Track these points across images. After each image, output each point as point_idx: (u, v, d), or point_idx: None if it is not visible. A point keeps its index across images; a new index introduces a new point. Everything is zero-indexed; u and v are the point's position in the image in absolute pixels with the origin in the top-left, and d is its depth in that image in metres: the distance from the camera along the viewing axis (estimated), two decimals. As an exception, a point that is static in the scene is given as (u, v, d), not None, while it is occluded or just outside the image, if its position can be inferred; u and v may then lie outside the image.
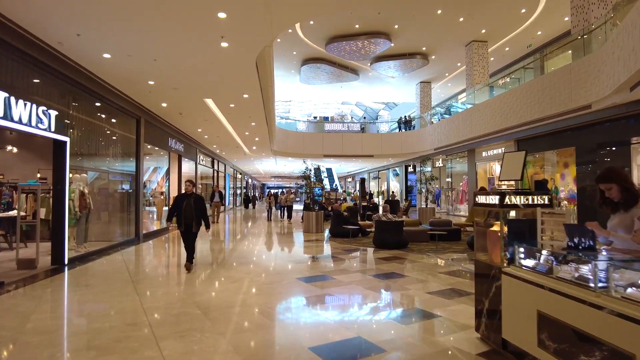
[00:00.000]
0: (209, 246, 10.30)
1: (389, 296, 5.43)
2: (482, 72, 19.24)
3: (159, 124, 12.82)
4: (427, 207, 15.86)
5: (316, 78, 23.41)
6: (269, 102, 11.52)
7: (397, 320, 4.38)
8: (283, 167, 34.19)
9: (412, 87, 25.93)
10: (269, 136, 16.56)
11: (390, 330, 4.04)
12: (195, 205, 7.06)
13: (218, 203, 16.67)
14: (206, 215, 7.29)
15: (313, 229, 12.82)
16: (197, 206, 7.08)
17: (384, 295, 5.45)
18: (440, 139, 21.13)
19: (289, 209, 17.86)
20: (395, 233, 9.34)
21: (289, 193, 18.16)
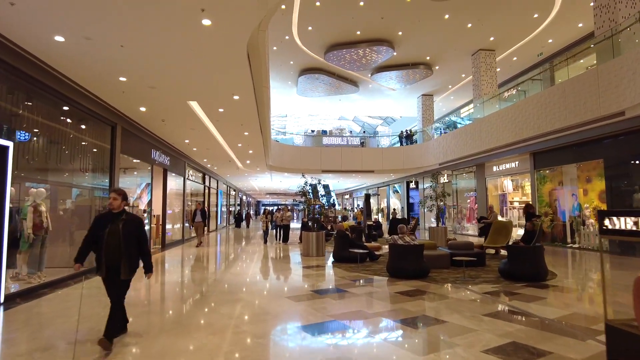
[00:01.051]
0: (189, 276, 8.56)
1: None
2: (491, 82, 17.93)
3: (139, 132, 11.20)
4: (439, 226, 14.23)
5: (314, 90, 22.04)
6: (263, 107, 9.98)
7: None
8: (279, 184, 32.54)
9: (413, 100, 24.64)
10: (264, 149, 14.98)
11: None
12: (126, 233, 4.18)
13: (200, 223, 14.58)
14: (147, 250, 4.44)
15: (313, 251, 11.13)
16: (129, 234, 4.20)
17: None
18: (445, 153, 19.67)
19: (284, 229, 15.34)
20: (414, 259, 7.69)
21: (284, 210, 15.76)
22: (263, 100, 9.24)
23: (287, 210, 15.79)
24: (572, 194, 13.52)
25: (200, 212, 14.58)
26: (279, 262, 10.48)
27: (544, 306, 5.53)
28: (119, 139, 10.03)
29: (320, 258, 10.85)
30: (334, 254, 10.21)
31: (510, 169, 16.32)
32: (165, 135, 12.50)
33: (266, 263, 10.15)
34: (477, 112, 18.21)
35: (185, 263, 10.49)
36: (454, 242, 9.82)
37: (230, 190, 32.69)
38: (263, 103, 9.47)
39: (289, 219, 15.36)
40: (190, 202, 20.35)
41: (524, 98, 14.58)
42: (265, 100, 9.34)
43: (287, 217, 15.35)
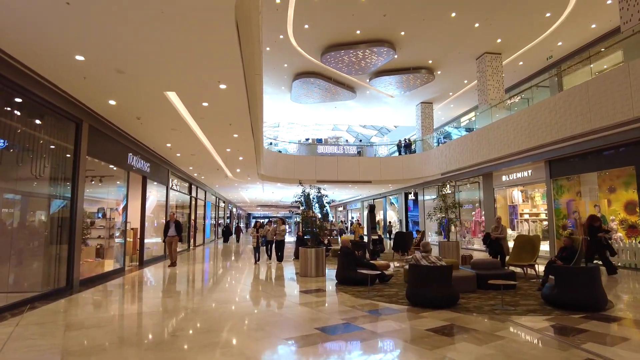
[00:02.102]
0: (156, 305, 6.89)
1: None
2: (497, 86, 16.73)
3: (111, 133, 9.60)
4: (450, 240, 12.76)
5: (308, 96, 20.65)
6: (255, 102, 8.49)
7: None
8: (271, 195, 30.89)
9: (411, 108, 23.40)
10: (256, 155, 13.44)
11: None
12: None
13: (173, 238, 12.05)
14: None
15: (312, 271, 9.53)
16: None
17: None
18: (449, 162, 18.33)
19: (278, 246, 12.60)
20: (441, 284, 6.17)
21: (278, 223, 12.83)
22: (255, 92, 7.74)
23: (281, 222, 13.00)
24: (595, 205, 12.18)
25: (174, 224, 12.13)
26: (273, 285, 8.83)
27: (637, 352, 4.04)
28: (85, 139, 8.42)
29: (321, 279, 9.25)
30: (337, 274, 8.62)
31: (522, 178, 14.99)
32: (143, 137, 10.89)
33: (257, 287, 8.48)
34: (483, 118, 16.94)
35: (156, 286, 8.80)
36: (479, 261, 8.33)
37: (220, 201, 30.92)
38: (255, 96, 7.96)
39: (283, 233, 12.66)
40: (174, 213, 18.63)
41: (540, 100, 13.33)
42: (257, 92, 7.85)
43: (281, 232, 12.61)
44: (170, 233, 12.04)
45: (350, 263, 8.27)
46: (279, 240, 12.73)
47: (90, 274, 9.29)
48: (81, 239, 8.36)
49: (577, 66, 14.09)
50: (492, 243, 9.87)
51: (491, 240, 9.97)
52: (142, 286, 8.65)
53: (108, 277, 9.64)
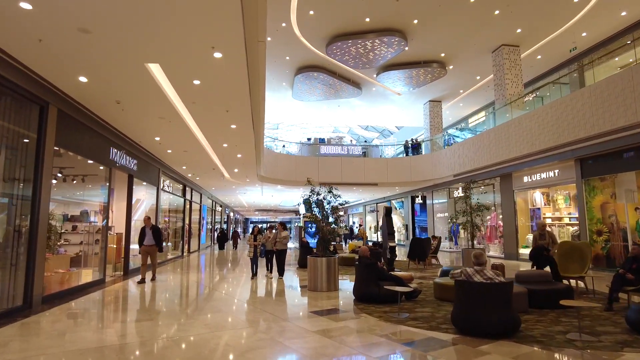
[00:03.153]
0: (120, 336, 5.34)
1: None
2: (516, 80, 15.36)
3: (88, 121, 8.08)
4: (473, 247, 11.29)
5: (311, 93, 19.22)
6: (257, 81, 7.02)
7: None
8: (270, 199, 29.35)
9: (418, 107, 22.02)
10: (256, 151, 11.95)
11: None
12: None
13: (150, 248, 9.58)
14: None
15: (322, 284, 8.01)
16: None
17: None
18: (462, 163, 16.90)
19: (279, 257, 10.24)
20: (500, 306, 4.68)
21: (279, 229, 10.38)
22: (257, 66, 6.26)
23: (281, 228, 10.54)
24: (636, 208, 10.76)
25: (150, 230, 9.64)
26: (276, 303, 7.28)
27: None
28: (53, 126, 6.91)
29: (333, 294, 7.73)
30: (355, 289, 7.10)
31: (547, 179, 13.56)
32: (127, 128, 9.38)
33: (257, 306, 6.92)
34: (499, 115, 15.56)
35: (136, 304, 7.26)
36: (525, 274, 6.85)
37: (216, 205, 29.34)
38: (257, 72, 6.49)
39: (285, 240, 10.31)
40: (168, 219, 17.08)
41: (569, 93, 11.96)
42: (260, 67, 6.38)
43: (282, 239, 10.21)
44: (147, 242, 9.60)
45: (371, 277, 6.76)
46: (280, 249, 10.29)
47: (61, 288, 7.75)
48: (45, 247, 6.81)
49: (603, 59, 12.79)
50: (541, 256, 7.88)
51: (545, 255, 7.76)
52: (118, 304, 7.10)
53: (82, 291, 8.08)
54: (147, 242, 9.60)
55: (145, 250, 9.62)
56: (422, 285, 8.60)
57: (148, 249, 9.60)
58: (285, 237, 10.33)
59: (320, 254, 8.34)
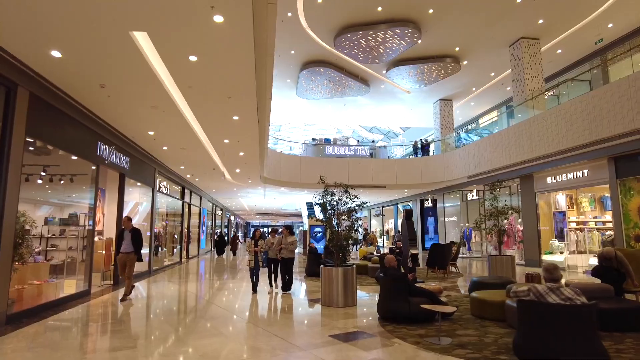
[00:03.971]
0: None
1: None
2: (536, 75, 14.29)
3: (69, 109, 6.98)
4: (501, 254, 10.15)
5: (316, 90, 18.16)
6: (265, 60, 5.92)
7: None
8: (272, 202, 28.22)
9: (427, 106, 20.95)
10: (260, 148, 10.84)
11: None
12: None
13: (128, 256, 7.75)
14: None
15: (338, 298, 6.86)
16: None
17: None
18: (478, 164, 15.79)
19: (285, 266, 8.54)
20: (581, 335, 3.57)
21: (284, 233, 8.65)
22: (266, 39, 5.14)
23: (287, 232, 8.75)
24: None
25: (130, 234, 7.80)
26: (285, 324, 6.11)
27: None
28: (23, 113, 5.81)
29: (351, 311, 6.59)
30: (380, 306, 5.95)
31: (574, 180, 12.44)
32: (116, 119, 8.27)
33: (260, 331, 5.74)
34: (520, 111, 14.48)
35: (117, 324, 6.12)
36: (583, 287, 5.70)
37: (217, 209, 28.19)
38: (265, 47, 5.38)
39: (293, 247, 8.59)
40: (166, 223, 15.95)
41: (603, 85, 10.88)
42: (269, 41, 5.26)
43: (289, 245, 8.47)
44: (125, 248, 7.75)
45: (401, 292, 5.63)
46: (286, 258, 8.48)
47: (35, 303, 6.60)
48: (10, 255, 5.68)
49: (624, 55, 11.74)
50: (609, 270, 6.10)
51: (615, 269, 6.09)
52: (97, 323, 5.95)
53: (61, 306, 6.94)
54: (125, 249, 7.75)
55: (122, 260, 7.79)
56: (449, 298, 7.47)
57: (125, 258, 7.75)
58: (292, 242, 8.56)
59: (334, 263, 7.20)
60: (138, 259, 7.90)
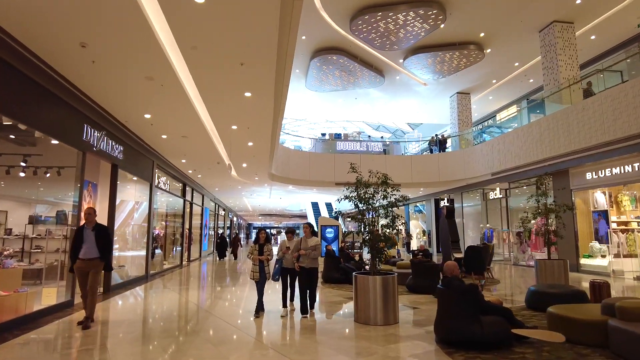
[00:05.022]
0: None
1: None
2: (570, 62, 12.93)
3: (44, 78, 5.60)
4: (550, 257, 8.77)
5: (326, 81, 16.83)
6: (289, 15, 4.56)
7: None
8: (277, 202, 26.83)
9: (443, 101, 19.61)
10: (272, 138, 9.47)
11: None
12: None
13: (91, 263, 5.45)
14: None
15: (377, 314, 5.47)
16: None
17: None
18: (503, 160, 14.42)
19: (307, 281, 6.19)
20: None
21: (306, 232, 6.37)
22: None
23: (309, 232, 6.42)
24: None
25: (94, 233, 5.54)
26: (314, 350, 4.71)
27: None
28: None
29: (394, 330, 5.21)
30: (439, 326, 4.55)
31: (622, 175, 11.06)
32: (105, 97, 6.90)
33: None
34: (553, 100, 13.12)
35: (93, 353, 4.74)
36: None
37: (219, 209, 26.78)
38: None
39: (316, 253, 6.21)
40: (165, 223, 14.57)
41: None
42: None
43: (311, 251, 6.15)
44: (86, 253, 5.41)
45: (469, 308, 4.24)
46: (308, 268, 6.14)
47: (3, 319, 5.21)
48: None
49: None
50: None
51: None
52: (69, 349, 4.56)
53: (31, 323, 5.54)
54: (85, 255, 5.36)
55: (80, 269, 5.39)
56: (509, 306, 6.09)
57: (87, 266, 5.38)
58: (316, 246, 6.19)
59: (371, 270, 5.82)
60: (106, 268, 5.81)
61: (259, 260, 6.17)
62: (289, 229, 6.86)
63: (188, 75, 5.99)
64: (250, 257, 6.25)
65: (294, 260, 6.19)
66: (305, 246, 6.20)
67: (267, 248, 6.31)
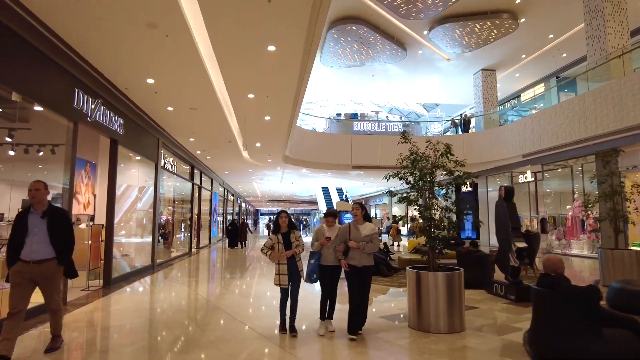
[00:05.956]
0: None
1: None
2: (621, 29, 11.47)
3: (15, 22, 4.37)
4: (617, 246, 7.54)
5: (343, 56, 15.48)
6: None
7: None
8: (287, 187, 25.67)
9: (465, 79, 18.17)
10: (292, 110, 8.22)
11: None
12: None
13: (39, 268, 3.56)
14: None
15: (439, 321, 4.31)
16: None
17: None
18: (537, 140, 13.11)
19: (359, 283, 4.21)
20: None
21: (358, 217, 4.37)
22: None
23: (362, 215, 4.44)
24: None
25: (45, 220, 3.66)
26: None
27: None
28: None
29: (463, 340, 4.06)
30: (537, 339, 3.37)
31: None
32: (98, 54, 5.66)
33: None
34: (596, 75, 11.72)
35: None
36: None
37: (228, 194, 25.66)
38: None
39: (371, 248, 4.21)
40: (172, 208, 13.47)
41: None
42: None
43: (365, 243, 4.18)
44: (32, 253, 3.55)
45: (586, 319, 3.06)
46: (360, 267, 4.22)
47: None
48: None
49: None
50: None
51: None
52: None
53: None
54: (32, 255, 3.55)
55: (19, 274, 3.52)
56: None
57: (34, 272, 3.56)
58: (372, 236, 4.27)
59: (430, 265, 4.64)
60: (67, 274, 3.89)
61: (284, 257, 4.25)
62: (329, 210, 4.69)
63: (200, 21, 4.74)
64: (267, 253, 4.28)
65: (338, 256, 4.29)
66: (356, 236, 4.25)
67: (296, 235, 4.39)
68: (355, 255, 4.22)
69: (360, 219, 4.42)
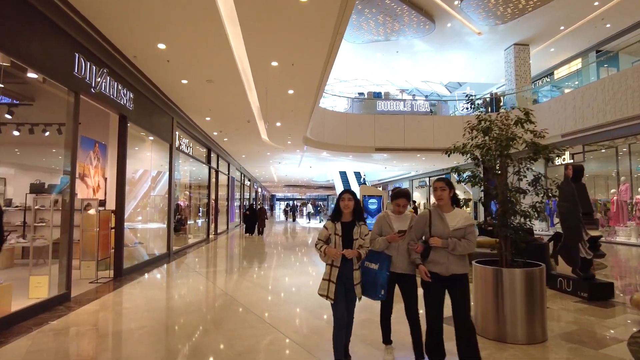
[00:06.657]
0: None
1: None
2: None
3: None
4: None
5: (366, 30, 14.43)
6: None
7: None
8: (305, 171, 24.84)
9: (496, 55, 16.85)
10: (320, 80, 7.29)
11: None
12: None
13: None
14: None
15: (517, 328, 3.46)
16: None
17: None
18: (579, 118, 11.94)
19: (457, 298, 2.81)
20: None
21: (441, 199, 2.87)
22: None
23: (449, 197, 2.91)
24: None
25: None
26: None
27: None
28: None
29: (550, 354, 3.17)
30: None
31: None
32: (102, 15, 4.82)
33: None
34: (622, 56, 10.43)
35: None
36: None
37: (245, 179, 24.98)
38: None
39: (465, 247, 2.78)
40: (189, 193, 12.81)
41: None
42: None
43: (456, 240, 2.77)
44: None
45: None
46: (448, 276, 2.80)
47: None
48: None
49: None
50: None
51: None
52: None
53: (6, 331, 3.76)
54: None
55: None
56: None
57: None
58: (466, 228, 2.83)
59: (502, 259, 3.74)
60: None
61: (341, 257, 2.76)
62: (398, 191, 3.15)
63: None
64: (322, 249, 2.78)
65: (414, 259, 2.94)
66: (441, 229, 2.85)
67: (362, 231, 2.85)
68: (440, 257, 2.81)
69: (448, 203, 2.91)
